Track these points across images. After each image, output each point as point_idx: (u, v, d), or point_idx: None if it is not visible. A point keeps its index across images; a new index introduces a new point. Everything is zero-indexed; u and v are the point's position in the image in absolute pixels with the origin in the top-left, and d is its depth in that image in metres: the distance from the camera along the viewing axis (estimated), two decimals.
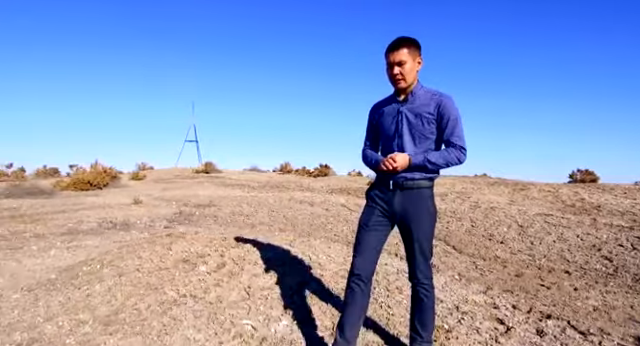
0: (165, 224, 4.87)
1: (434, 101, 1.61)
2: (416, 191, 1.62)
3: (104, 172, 11.74)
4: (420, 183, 1.62)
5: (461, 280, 3.17)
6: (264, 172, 22.72)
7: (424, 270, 1.66)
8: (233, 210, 6.27)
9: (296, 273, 2.56)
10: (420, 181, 1.62)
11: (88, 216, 5.20)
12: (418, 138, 1.62)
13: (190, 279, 2.39)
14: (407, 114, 1.63)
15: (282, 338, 1.85)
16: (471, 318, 2.23)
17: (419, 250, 1.64)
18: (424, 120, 1.61)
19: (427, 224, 1.64)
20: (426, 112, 1.60)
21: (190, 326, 1.88)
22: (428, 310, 1.68)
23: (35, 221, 4.95)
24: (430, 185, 1.67)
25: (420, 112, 1.61)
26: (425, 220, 1.63)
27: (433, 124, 1.61)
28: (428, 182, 1.65)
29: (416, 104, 1.62)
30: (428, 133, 1.61)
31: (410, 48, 1.59)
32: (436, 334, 2.00)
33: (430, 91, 1.65)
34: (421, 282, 1.66)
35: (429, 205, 1.65)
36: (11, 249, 3.45)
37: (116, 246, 3.24)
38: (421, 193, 1.63)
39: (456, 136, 1.60)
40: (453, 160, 1.59)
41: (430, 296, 1.68)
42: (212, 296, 2.19)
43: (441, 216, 5.95)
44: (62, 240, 3.78)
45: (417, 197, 1.62)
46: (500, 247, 4.42)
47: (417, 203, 1.62)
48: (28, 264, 2.93)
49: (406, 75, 1.59)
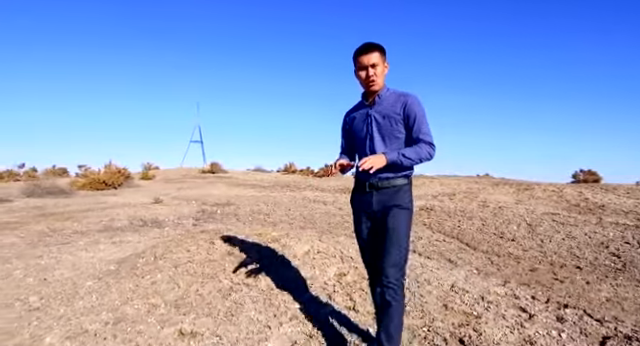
0: (192, 222, 5.09)
1: (400, 101, 1.64)
2: (392, 189, 1.63)
3: (118, 172, 11.99)
4: (395, 182, 1.63)
5: (479, 274, 3.38)
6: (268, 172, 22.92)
7: (395, 269, 1.55)
8: (252, 209, 6.49)
9: (333, 265, 2.78)
10: (395, 180, 1.63)
11: (118, 214, 5.43)
12: (388, 138, 1.65)
13: (239, 270, 2.60)
14: (376, 116, 1.66)
15: (332, 320, 2.06)
16: (496, 306, 2.44)
17: (395, 243, 1.56)
18: (392, 120, 1.63)
19: (402, 219, 1.61)
20: (393, 112, 1.63)
21: (251, 309, 2.10)
22: (395, 316, 1.54)
23: (68, 219, 5.17)
24: (406, 183, 1.66)
25: (388, 113, 1.64)
26: (399, 214, 1.60)
27: (401, 124, 1.63)
28: (403, 180, 1.64)
29: (383, 106, 1.66)
30: (397, 133, 1.64)
31: (380, 52, 1.63)
32: (467, 319, 2.21)
33: (396, 92, 1.68)
34: (391, 281, 1.53)
35: (406, 201, 1.64)
36: (60, 244, 3.67)
37: (159, 241, 3.46)
38: (398, 191, 1.63)
39: (424, 133, 1.61)
40: (425, 155, 1.60)
41: (398, 299, 1.54)
42: (263, 284, 2.40)
43: (451, 215, 6.17)
44: (104, 236, 4.00)
45: (393, 195, 1.63)
46: (512, 244, 4.63)
47: (393, 200, 1.62)
48: (83, 257, 3.15)
49: (378, 77, 1.63)
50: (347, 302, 2.29)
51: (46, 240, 3.97)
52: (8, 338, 1.82)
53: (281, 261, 2.76)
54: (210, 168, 21.46)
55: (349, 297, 2.33)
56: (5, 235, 4.18)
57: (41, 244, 3.77)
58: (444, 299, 2.44)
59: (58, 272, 2.74)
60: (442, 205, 6.88)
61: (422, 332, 2.02)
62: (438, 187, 9.99)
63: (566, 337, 2.09)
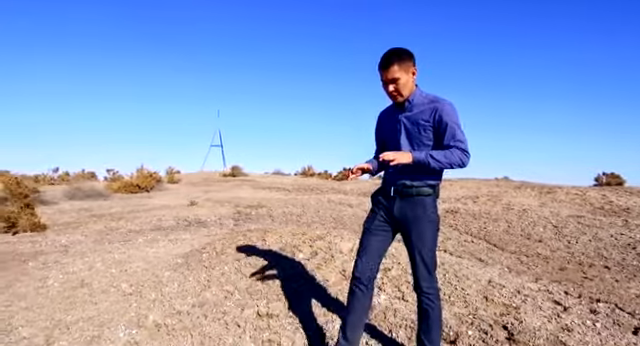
0: (233, 222, 5.43)
1: (430, 108, 1.57)
2: (416, 198, 1.58)
3: (150, 176, 12.56)
4: (420, 190, 1.58)
5: (511, 272, 3.56)
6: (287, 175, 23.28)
7: (427, 279, 1.60)
8: (283, 211, 6.80)
9: None
10: (421, 188, 1.58)
11: (163, 215, 5.82)
12: (416, 145, 1.60)
13: (294, 264, 2.88)
14: (405, 122, 1.62)
15: (386, 307, 2.31)
16: (532, 299, 2.63)
17: (420, 259, 1.58)
18: (420, 127, 1.58)
19: (428, 232, 1.58)
20: (422, 119, 1.58)
21: (312, 297, 2.37)
22: (434, 322, 1.61)
23: (120, 219, 5.60)
24: (431, 192, 1.60)
25: (416, 120, 1.59)
26: (425, 228, 1.57)
27: (430, 131, 1.57)
28: (429, 189, 1.59)
29: (413, 112, 1.60)
30: (426, 140, 1.58)
31: (401, 63, 1.55)
32: (508, 309, 2.41)
33: (428, 97, 1.61)
34: (425, 292, 1.60)
35: (430, 213, 1.59)
36: (123, 241, 4.05)
37: (212, 239, 3.78)
38: (422, 201, 1.58)
39: (457, 140, 1.53)
40: (456, 160, 1.51)
41: (435, 307, 1.61)
42: (319, 276, 2.68)
43: (477, 217, 6.31)
44: (159, 234, 4.37)
45: (417, 205, 1.58)
46: (539, 245, 4.76)
47: (417, 211, 1.57)
48: (149, 252, 3.50)
49: (401, 90, 1.57)
50: (396, 292, 2.53)
51: (108, 238, 4.37)
52: (118, 316, 2.15)
53: (330, 256, 3.03)
54: (231, 172, 21.95)
55: (397, 288, 2.57)
56: (71, 234, 4.60)
57: (105, 241, 4.15)
58: (484, 292, 2.65)
59: (134, 264, 3.09)
60: (466, 208, 7.02)
61: (468, 319, 2.24)
62: (459, 190, 10.08)
63: (600, 326, 2.27)
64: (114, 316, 2.16)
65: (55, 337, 1.96)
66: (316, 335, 1.99)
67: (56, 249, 3.77)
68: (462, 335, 2.05)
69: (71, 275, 2.88)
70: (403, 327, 2.11)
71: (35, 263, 3.26)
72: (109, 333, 1.99)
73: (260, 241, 3.41)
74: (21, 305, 2.34)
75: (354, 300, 1.68)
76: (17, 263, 3.28)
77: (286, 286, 2.50)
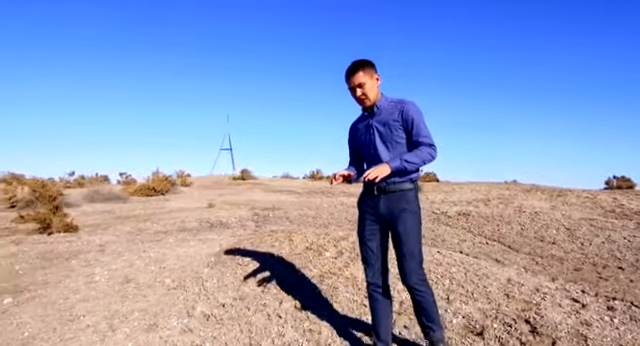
0: (253, 224, 5.61)
1: (397, 109, 1.71)
2: (399, 193, 1.70)
3: (165, 179, 12.85)
4: (402, 186, 1.70)
5: (527, 272, 3.67)
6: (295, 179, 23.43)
7: (415, 272, 1.69)
8: (299, 213, 6.96)
9: None
10: (402, 184, 1.70)
11: (186, 217, 6.03)
12: (390, 144, 1.72)
13: (322, 262, 3.04)
14: (376, 125, 1.74)
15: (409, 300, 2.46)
16: (551, 297, 2.76)
17: (408, 252, 1.68)
18: (392, 127, 1.71)
19: (412, 224, 1.68)
20: (392, 120, 1.71)
21: (345, 291, 2.52)
22: (429, 306, 1.74)
23: (146, 221, 5.81)
24: (412, 187, 1.74)
25: (387, 121, 1.72)
26: (409, 219, 1.68)
27: (400, 129, 1.71)
28: (410, 184, 1.72)
29: (383, 115, 1.74)
30: (398, 138, 1.71)
31: (365, 69, 1.70)
32: (528, 305, 2.54)
33: (393, 100, 1.76)
34: (413, 285, 1.70)
35: (413, 205, 1.71)
36: (154, 241, 4.25)
37: (239, 239, 3.96)
38: (404, 195, 1.70)
39: (423, 136, 1.69)
40: (427, 157, 1.67)
41: (427, 296, 1.72)
42: (347, 273, 2.83)
43: (489, 220, 6.41)
44: (187, 235, 4.56)
45: (400, 199, 1.69)
46: (553, 247, 4.85)
47: (401, 204, 1.68)
48: (181, 251, 3.68)
49: (368, 94, 1.70)
50: None
51: (138, 238, 4.57)
52: (168, 307, 2.32)
53: (355, 255, 3.18)
54: (241, 175, 22.16)
55: None
56: (102, 234, 4.82)
57: (137, 241, 4.35)
58: (504, 289, 2.78)
59: (171, 262, 3.27)
60: (478, 210, 7.11)
61: (492, 314, 2.38)
62: (469, 193, 10.15)
63: (618, 322, 2.38)
64: (164, 307, 2.34)
65: (116, 325, 2.14)
66: (353, 325, 2.15)
67: (93, 248, 3.98)
68: (488, 328, 2.19)
69: (114, 272, 3.07)
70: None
71: (77, 261, 3.46)
72: (163, 322, 2.16)
73: (287, 241, 3.57)
74: (77, 297, 2.54)
75: (375, 303, 1.79)
76: (61, 261, 3.49)
77: (318, 283, 2.66)
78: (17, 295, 2.61)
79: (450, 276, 2.88)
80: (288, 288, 2.58)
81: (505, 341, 2.03)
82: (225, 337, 2.00)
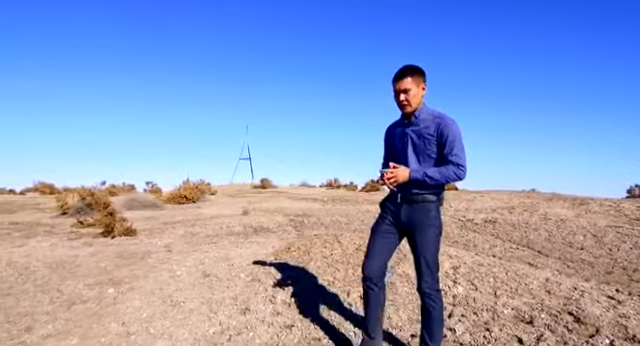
0: (293, 228, 5.96)
1: (435, 123, 1.70)
2: (421, 204, 1.71)
3: (195, 187, 13.41)
4: (425, 197, 1.71)
5: (561, 274, 3.88)
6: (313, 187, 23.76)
7: (430, 281, 1.71)
8: (331, 219, 7.29)
9: (445, 260, 3.45)
10: (425, 195, 1.71)
11: (229, 222, 6.44)
12: (422, 157, 1.72)
13: None
14: (411, 135, 1.75)
15: (466, 295, 2.74)
16: (589, 294, 2.98)
17: (424, 261, 1.71)
18: (426, 141, 1.71)
19: (431, 236, 1.71)
20: (427, 133, 1.70)
21: (402, 286, 2.83)
22: (435, 320, 1.73)
23: (192, 226, 6.24)
24: (435, 200, 1.73)
25: (423, 133, 1.71)
26: (429, 232, 1.70)
27: (434, 144, 1.70)
28: (433, 197, 1.73)
29: (419, 126, 1.73)
30: (431, 153, 1.71)
31: (414, 76, 1.71)
32: (569, 301, 2.78)
33: (433, 113, 1.75)
34: (427, 293, 1.71)
35: (433, 218, 1.71)
36: (211, 244, 4.64)
37: (289, 242, 4.31)
38: (426, 207, 1.71)
39: (454, 155, 1.67)
40: (451, 176, 1.66)
41: (437, 307, 1.72)
42: (400, 271, 3.13)
43: (516, 227, 6.58)
44: (238, 238, 4.94)
45: (422, 210, 1.71)
46: (582, 252, 5.02)
47: (421, 216, 1.70)
48: (240, 252, 4.05)
49: (411, 101, 1.71)
50: (469, 286, 2.95)
51: (194, 241, 4.98)
52: (253, 296, 2.68)
53: (403, 256, 3.48)
54: (261, 184, 22.62)
55: (471, 283, 2.99)
56: (160, 238, 5.25)
57: (194, 243, 4.76)
58: (544, 287, 3.03)
59: (236, 260, 3.64)
60: (504, 218, 7.29)
61: (537, 307, 2.63)
62: (491, 201, 10.28)
63: None
64: (250, 295, 2.69)
65: (215, 309, 2.50)
66: (415, 312, 2.45)
67: (160, 249, 4.40)
68: (536, 318, 2.45)
69: (190, 268, 3.46)
70: (485, 310, 2.53)
71: (152, 260, 3.87)
72: (254, 306, 2.52)
73: (336, 243, 3.90)
74: (171, 288, 2.92)
75: (369, 299, 1.82)
76: (138, 259, 3.90)
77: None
78: (117, 286, 3.01)
79: (493, 275, 3.14)
80: (351, 282, 2.90)
81: (553, 328, 2.29)
82: (310, 319, 2.34)
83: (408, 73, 1.72)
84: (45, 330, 2.20)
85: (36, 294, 2.82)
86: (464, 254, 3.80)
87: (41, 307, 2.56)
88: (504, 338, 2.16)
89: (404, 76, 1.71)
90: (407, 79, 1.71)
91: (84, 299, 2.72)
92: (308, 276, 3.05)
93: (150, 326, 2.27)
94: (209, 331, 2.21)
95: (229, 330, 2.23)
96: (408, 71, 1.72)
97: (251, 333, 2.18)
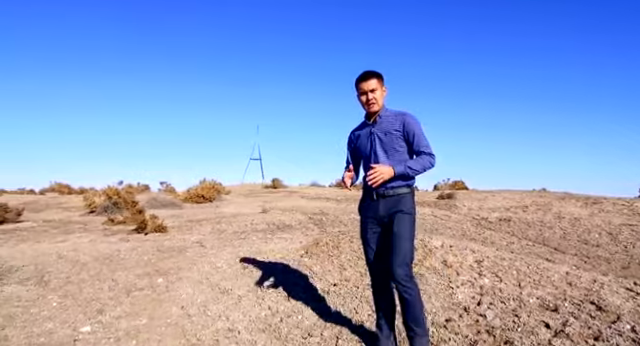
0: (314, 226, 6.16)
1: (399, 120, 1.85)
2: (397, 197, 1.82)
3: (212, 187, 13.72)
4: (399, 190, 1.83)
5: (579, 269, 4.01)
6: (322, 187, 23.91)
7: (403, 268, 1.73)
8: (349, 217, 7.47)
9: (469, 254, 3.61)
10: (399, 189, 1.83)
11: (252, 220, 6.67)
12: (390, 152, 1.84)
13: None
14: (378, 133, 1.87)
15: (492, 286, 2.90)
16: (608, 286, 3.11)
17: (398, 247, 1.74)
18: (393, 136, 1.84)
19: (405, 223, 1.78)
20: (393, 129, 1.84)
21: (431, 277, 3.00)
22: (415, 305, 1.76)
23: (218, 223, 6.49)
24: (409, 191, 1.86)
25: (388, 130, 1.84)
26: (403, 219, 1.79)
27: (401, 139, 1.84)
28: (407, 189, 1.84)
29: (384, 124, 1.87)
30: (397, 146, 1.85)
31: (378, 79, 1.87)
32: (590, 292, 2.92)
33: (394, 112, 1.90)
34: (401, 281, 1.73)
35: (409, 207, 1.82)
36: (241, 239, 4.86)
37: (316, 238, 4.50)
38: (402, 198, 1.82)
39: (424, 146, 1.84)
40: (427, 165, 1.82)
41: (413, 293, 1.75)
42: (427, 264, 3.30)
43: (531, 225, 6.68)
44: (265, 234, 5.16)
45: (398, 202, 1.82)
46: (598, 249, 5.12)
47: (398, 206, 1.81)
48: (270, 247, 4.26)
49: (377, 100, 1.85)
50: (494, 278, 3.11)
51: (223, 237, 5.21)
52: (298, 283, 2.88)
53: (429, 250, 3.65)
54: (273, 184, 22.87)
55: (496, 275, 3.15)
56: (190, 234, 5.50)
57: (225, 239, 4.98)
58: (565, 279, 3.17)
59: (269, 254, 3.85)
60: (518, 216, 7.38)
61: (561, 296, 2.78)
62: (503, 201, 10.34)
63: None
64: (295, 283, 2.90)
65: (261, 295, 2.71)
66: (446, 300, 2.62)
67: (193, 245, 4.64)
68: (560, 306, 2.60)
69: (229, 261, 3.68)
70: (511, 299, 2.69)
71: (190, 254, 4.11)
72: (295, 294, 2.72)
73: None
74: (216, 278, 3.14)
75: (380, 300, 1.92)
76: (176, 253, 4.14)
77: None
78: (165, 277, 3.24)
79: (516, 268, 3.30)
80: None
81: (577, 315, 2.44)
82: (350, 305, 2.53)
83: (373, 75, 1.87)
84: (115, 312, 2.43)
85: (94, 283, 3.06)
86: (485, 249, 3.95)
87: (103, 293, 2.80)
88: (532, 323, 2.32)
89: (370, 77, 1.86)
90: (373, 80, 1.86)
91: (139, 287, 2.95)
92: (341, 268, 3.24)
93: (206, 309, 2.49)
94: (261, 314, 2.41)
95: (279, 313, 2.43)
96: (373, 74, 1.87)
97: (299, 316, 2.38)
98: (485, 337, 2.15)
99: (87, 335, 2.10)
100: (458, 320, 2.36)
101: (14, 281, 3.00)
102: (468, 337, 2.15)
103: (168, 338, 2.09)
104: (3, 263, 3.52)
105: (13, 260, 3.68)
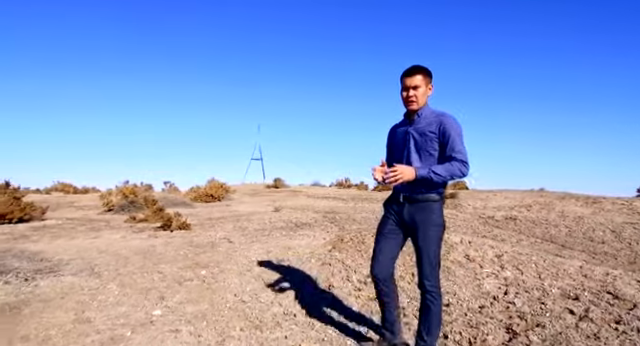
0: (330, 223, 6.35)
1: (436, 121, 1.73)
2: (423, 204, 1.73)
3: (220, 187, 13.88)
4: (427, 196, 1.73)
5: (589, 264, 4.22)
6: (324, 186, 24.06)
7: (431, 278, 1.72)
8: (362, 216, 7.67)
9: (488, 249, 3.81)
10: (427, 194, 1.72)
11: (270, 218, 6.85)
12: (423, 154, 1.74)
13: None
14: (413, 134, 1.78)
15: (515, 278, 3.10)
16: (621, 278, 3.32)
17: (426, 259, 1.72)
18: (427, 138, 1.73)
19: (433, 234, 1.72)
20: (429, 131, 1.73)
21: (457, 270, 3.20)
22: (434, 316, 1.73)
23: (237, 221, 6.66)
24: (438, 199, 1.74)
25: (424, 131, 1.74)
26: (431, 230, 1.72)
27: (436, 141, 1.72)
28: (436, 196, 1.74)
29: (422, 124, 1.76)
30: (431, 150, 1.73)
31: (424, 75, 1.75)
32: (605, 283, 3.13)
33: (435, 112, 1.78)
34: (428, 290, 1.73)
35: (436, 217, 1.73)
36: (266, 236, 5.05)
37: (339, 234, 4.69)
38: (429, 206, 1.72)
39: (457, 151, 1.68)
40: (456, 172, 1.66)
41: (436, 303, 1.73)
42: (451, 258, 3.50)
43: (537, 223, 6.91)
44: (287, 231, 5.35)
45: (424, 210, 1.72)
46: (604, 246, 5.34)
47: (424, 215, 1.72)
48: (297, 242, 4.45)
49: (418, 98, 1.74)
50: (515, 271, 3.31)
51: (248, 234, 5.38)
52: (331, 275, 3.07)
53: (450, 246, 3.85)
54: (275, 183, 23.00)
55: (516, 268, 3.35)
56: (215, 231, 5.67)
57: (249, 236, 5.16)
58: (581, 272, 3.38)
59: (299, 249, 4.04)
60: (523, 215, 7.61)
61: (579, 287, 2.99)
62: (504, 200, 10.57)
63: None
64: (327, 276, 3.09)
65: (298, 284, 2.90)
66: (475, 290, 2.82)
67: (221, 241, 4.81)
68: (580, 295, 2.81)
69: (261, 255, 3.86)
70: (535, 289, 2.90)
71: (222, 249, 4.28)
72: (336, 283, 2.91)
73: None
74: (257, 270, 3.32)
75: (383, 297, 1.88)
76: (208, 248, 4.32)
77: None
78: (206, 269, 3.42)
79: (534, 262, 3.50)
80: (409, 267, 3.28)
81: (597, 303, 2.65)
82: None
83: (419, 71, 1.75)
84: (176, 298, 2.62)
85: (143, 274, 3.24)
86: (502, 245, 4.16)
87: (157, 283, 2.97)
88: (557, 309, 2.52)
89: (415, 73, 1.74)
90: (418, 76, 1.74)
91: (187, 278, 3.13)
92: (363, 263, 3.43)
93: (258, 297, 2.68)
94: (309, 300, 2.60)
95: (324, 300, 2.62)
96: (419, 69, 1.76)
97: (344, 302, 2.57)
98: (518, 321, 2.35)
99: (160, 317, 2.28)
100: (490, 307, 2.56)
101: (69, 273, 3.17)
102: (502, 321, 2.35)
103: (234, 319, 2.28)
104: (51, 257, 3.69)
105: (58, 255, 3.84)
